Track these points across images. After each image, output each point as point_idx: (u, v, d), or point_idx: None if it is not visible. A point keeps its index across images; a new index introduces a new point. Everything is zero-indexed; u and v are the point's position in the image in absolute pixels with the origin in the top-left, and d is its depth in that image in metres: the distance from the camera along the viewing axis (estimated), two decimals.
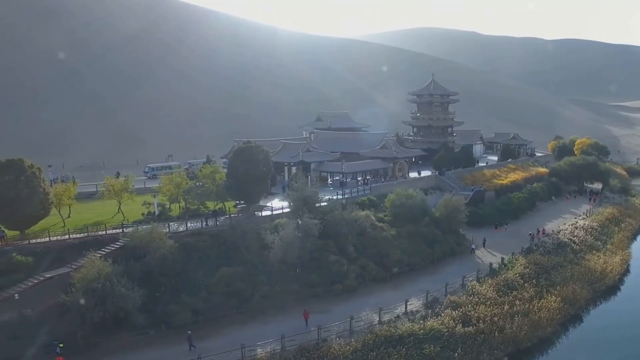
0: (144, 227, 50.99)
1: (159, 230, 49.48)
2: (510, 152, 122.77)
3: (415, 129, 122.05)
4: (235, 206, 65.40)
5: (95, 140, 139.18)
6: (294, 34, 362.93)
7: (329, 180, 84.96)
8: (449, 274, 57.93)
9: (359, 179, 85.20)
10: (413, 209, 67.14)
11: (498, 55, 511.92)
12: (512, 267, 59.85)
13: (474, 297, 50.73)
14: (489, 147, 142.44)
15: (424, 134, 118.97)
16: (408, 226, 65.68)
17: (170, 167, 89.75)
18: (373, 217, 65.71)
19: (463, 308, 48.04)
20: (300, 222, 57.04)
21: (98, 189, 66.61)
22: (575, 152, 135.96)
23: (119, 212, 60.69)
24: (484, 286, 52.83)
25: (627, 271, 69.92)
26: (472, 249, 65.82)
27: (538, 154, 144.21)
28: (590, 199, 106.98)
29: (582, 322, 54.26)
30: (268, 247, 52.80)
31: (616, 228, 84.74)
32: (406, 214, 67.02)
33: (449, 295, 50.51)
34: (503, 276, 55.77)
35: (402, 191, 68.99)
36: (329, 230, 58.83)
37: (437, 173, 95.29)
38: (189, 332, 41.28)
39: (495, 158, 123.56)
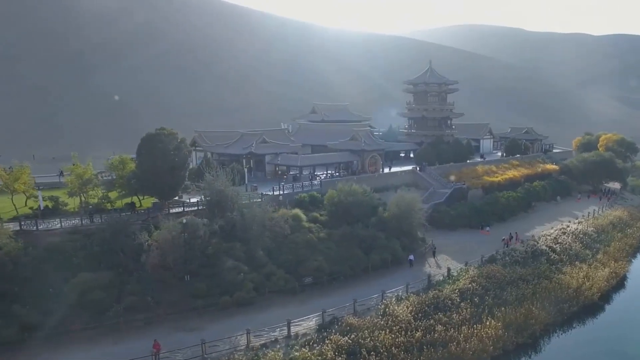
0: None
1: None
2: (516, 147, 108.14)
3: (410, 121, 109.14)
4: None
5: None
6: (345, 32, 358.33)
7: (289, 174, 74.47)
8: (378, 287, 46.53)
9: (322, 173, 74.29)
10: (353, 207, 55.79)
11: (543, 51, 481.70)
12: (455, 281, 47.64)
13: (383, 319, 39.28)
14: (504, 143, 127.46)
15: (418, 126, 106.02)
16: (344, 228, 54.49)
17: None
18: (303, 217, 54.97)
19: (359, 333, 36.74)
20: (206, 221, 47.37)
21: None
22: (600, 149, 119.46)
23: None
24: (401, 306, 41.11)
25: (619, 287, 56.15)
26: (410, 260, 53.48)
27: (556, 150, 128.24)
28: (601, 199, 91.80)
29: (530, 356, 41.53)
30: (148, 250, 43.18)
31: (619, 234, 69.97)
32: (344, 213, 55.83)
33: (346, 316, 39.20)
34: (433, 293, 43.68)
35: (345, 187, 57.74)
36: (238, 231, 48.77)
37: (417, 168, 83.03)
38: None
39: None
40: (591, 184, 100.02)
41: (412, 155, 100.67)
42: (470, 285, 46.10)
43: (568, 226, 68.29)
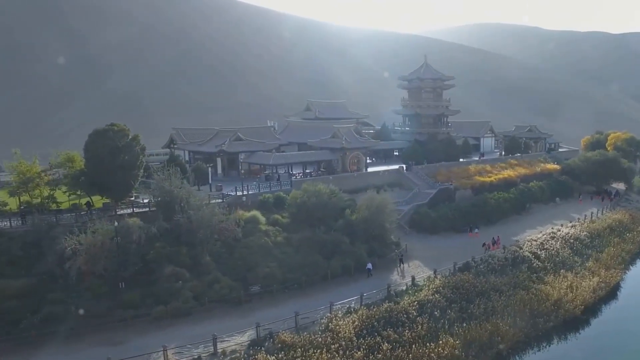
0: None
1: None
2: (516, 145, 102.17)
3: (405, 119, 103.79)
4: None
5: None
6: (358, 31, 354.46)
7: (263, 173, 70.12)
8: (334, 297, 41.94)
9: (299, 172, 69.80)
10: (316, 209, 51.23)
11: (560, 50, 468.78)
12: (417, 291, 42.73)
13: (323, 335, 34.69)
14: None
15: (412, 124, 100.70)
16: (304, 231, 49.98)
17: None
18: (262, 219, 50.62)
19: (291, 353, 32.24)
20: (142, 224, 43.33)
21: None
22: (608, 148, 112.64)
23: None
24: (346, 320, 36.42)
25: (609, 298, 50.47)
26: (369, 269, 48.26)
27: (562, 149, 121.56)
28: (603, 201, 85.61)
29: None
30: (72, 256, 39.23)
31: (616, 239, 64.01)
32: (307, 215, 51.32)
33: (281, 332, 34.67)
34: (386, 306, 38.83)
35: (310, 187, 53.22)
36: (184, 234, 44.68)
37: (403, 167, 78.06)
38: None
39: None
40: (594, 184, 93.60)
41: (396, 153, 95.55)
42: (432, 296, 41.15)
43: (559, 230, 62.59)
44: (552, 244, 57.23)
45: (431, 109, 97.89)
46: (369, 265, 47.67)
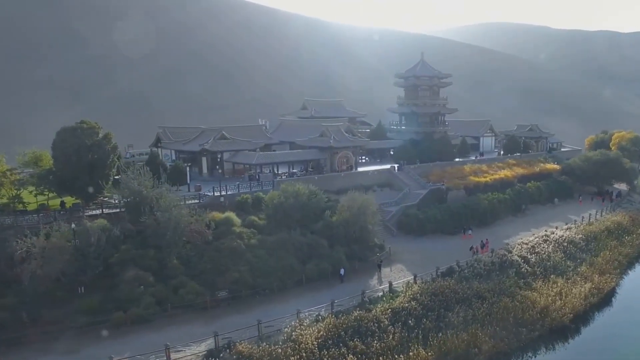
0: None
1: None
2: (515, 145, 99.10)
3: (401, 117, 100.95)
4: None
5: None
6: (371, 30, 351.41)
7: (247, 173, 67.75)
8: (307, 303, 39.64)
9: (284, 172, 67.43)
10: (294, 210, 48.87)
11: (569, 49, 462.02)
12: (394, 298, 40.19)
13: (284, 346, 32.32)
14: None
15: (408, 123, 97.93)
16: (280, 234, 47.61)
17: None
18: (237, 220, 48.32)
19: None
20: (106, 225, 41.27)
21: None
22: (612, 148, 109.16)
23: None
24: (311, 329, 33.99)
25: (602, 305, 47.54)
26: (341, 274, 45.58)
27: (564, 149, 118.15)
28: (604, 202, 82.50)
29: None
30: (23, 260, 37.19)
31: (613, 242, 60.92)
32: (284, 217, 48.96)
33: (239, 342, 32.34)
34: (356, 314, 36.31)
35: (289, 187, 50.86)
36: (150, 237, 42.54)
37: (395, 167, 75.48)
38: None
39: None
40: (595, 185, 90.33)
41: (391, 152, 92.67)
42: (408, 304, 38.60)
43: (552, 233, 59.65)
44: (543, 247, 54.35)
45: (427, 107, 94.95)
46: (342, 271, 45.06)
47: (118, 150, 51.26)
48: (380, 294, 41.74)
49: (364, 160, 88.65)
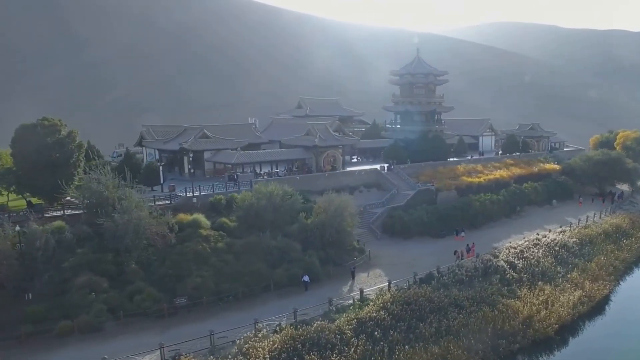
0: None
1: None
2: (514, 144, 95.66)
3: (396, 116, 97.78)
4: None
5: None
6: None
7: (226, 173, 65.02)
8: (273, 311, 37.05)
9: (266, 171, 64.74)
10: (266, 212, 46.26)
11: (577, 48, 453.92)
12: (362, 307, 37.35)
13: (234, 359, 29.71)
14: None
15: (403, 121, 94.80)
16: (250, 237, 45.02)
17: None
18: (206, 222, 45.79)
19: None
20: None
21: None
22: (617, 147, 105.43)
23: None
24: (265, 342, 31.30)
25: (593, 314, 44.32)
26: (305, 282, 42.28)
27: (567, 149, 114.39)
28: (604, 203, 79.05)
29: None
30: None
31: (610, 246, 57.53)
32: (256, 219, 46.38)
33: (183, 356, 29.75)
34: (317, 325, 33.49)
35: (262, 187, 48.28)
36: (110, 239, 40.13)
37: (385, 167, 72.57)
38: None
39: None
40: (597, 185, 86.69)
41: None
42: (377, 313, 35.74)
43: (545, 236, 56.36)
44: (533, 251, 51.11)
45: (423, 105, 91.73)
46: (305, 278, 42.07)
47: (84, 149, 48.96)
48: (351, 302, 38.93)
49: (355, 160, 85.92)
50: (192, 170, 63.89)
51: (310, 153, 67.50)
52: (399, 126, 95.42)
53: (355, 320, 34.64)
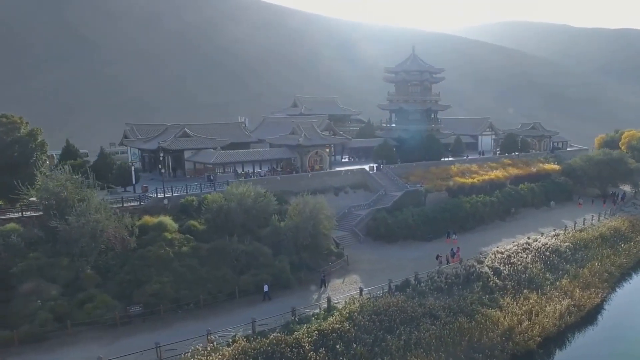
0: None
1: None
2: (512, 143, 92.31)
3: (392, 115, 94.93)
4: None
5: None
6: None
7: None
8: (236, 319, 34.53)
9: (246, 171, 62.16)
10: (236, 215, 43.80)
11: (588, 48, 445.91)
12: (326, 317, 34.66)
13: None
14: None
15: (398, 120, 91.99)
16: (219, 240, 42.54)
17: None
18: (173, 225, 43.29)
19: None
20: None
21: None
22: (622, 147, 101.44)
23: None
24: (216, 355, 28.75)
25: (582, 324, 41.26)
26: (266, 292, 38.96)
27: (570, 149, 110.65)
28: (605, 204, 75.68)
29: None
30: None
31: (606, 251, 54.26)
32: (225, 221, 43.94)
33: None
34: (272, 337, 30.89)
35: (233, 189, 45.81)
36: (63, 243, 37.87)
37: (374, 167, 69.80)
38: None
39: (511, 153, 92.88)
40: (598, 186, 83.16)
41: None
42: (341, 324, 33.05)
43: (536, 240, 53.23)
44: (522, 257, 48.05)
45: (418, 103, 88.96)
46: (265, 287, 39.20)
47: (47, 147, 46.74)
48: (317, 311, 36.26)
49: (346, 160, 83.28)
50: (172, 170, 61.56)
51: (295, 152, 64.93)
52: (394, 125, 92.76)
53: (316, 332, 31.96)
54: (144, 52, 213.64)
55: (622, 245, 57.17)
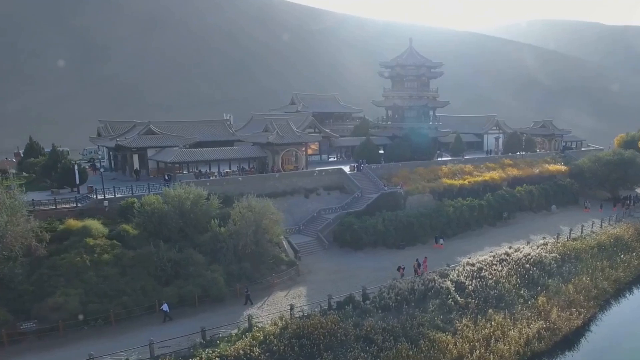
0: None
1: None
2: (516, 142, 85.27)
3: (388, 112, 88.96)
4: None
5: None
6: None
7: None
8: (152, 337, 29.86)
9: (211, 171, 57.67)
10: (170, 219, 39.37)
11: (621, 46, 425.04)
12: (237, 341, 29.72)
13: None
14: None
15: (394, 117, 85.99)
16: (146, 247, 38.10)
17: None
18: (101, 230, 39.12)
19: None
20: None
21: None
22: None
23: None
24: None
25: (557, 351, 35.09)
26: (165, 311, 33.49)
27: (585, 149, 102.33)
28: (615, 206, 68.44)
29: None
30: None
31: (600, 263, 47.42)
32: (159, 226, 39.54)
33: None
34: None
35: (171, 191, 41.37)
36: None
37: (355, 167, 64.43)
38: None
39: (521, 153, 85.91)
40: (608, 189, 75.47)
41: (381, 151, 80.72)
42: (249, 350, 28.07)
43: (518, 250, 46.86)
44: (495, 270, 41.90)
45: (414, 99, 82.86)
46: (165, 307, 34.07)
47: None
48: (236, 331, 31.35)
49: (333, 159, 78.01)
50: (135, 170, 57.64)
51: (266, 151, 60.17)
52: (390, 122, 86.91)
53: (217, 358, 27.10)
54: (157, 54, 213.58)
55: (622, 256, 50.16)
